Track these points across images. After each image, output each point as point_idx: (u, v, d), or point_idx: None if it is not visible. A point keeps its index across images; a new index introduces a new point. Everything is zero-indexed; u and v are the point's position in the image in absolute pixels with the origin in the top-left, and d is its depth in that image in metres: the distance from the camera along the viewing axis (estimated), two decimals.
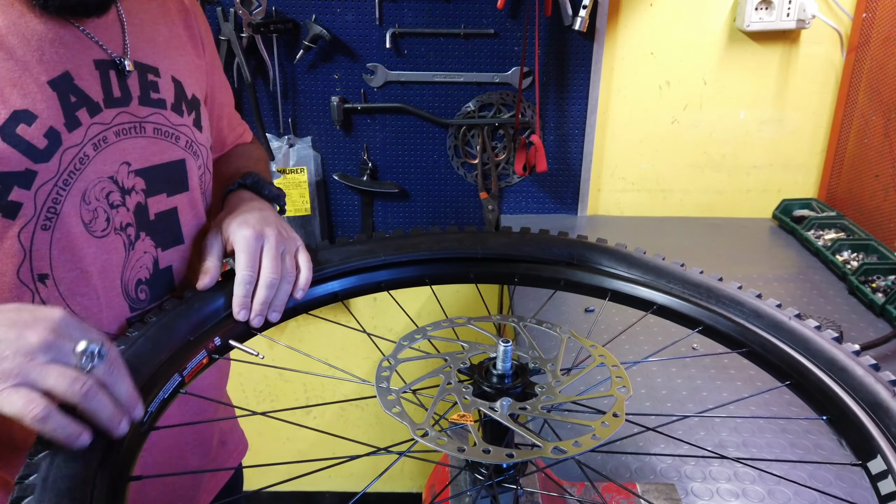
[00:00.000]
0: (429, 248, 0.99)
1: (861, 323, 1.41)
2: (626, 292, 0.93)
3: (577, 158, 1.97)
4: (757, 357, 0.83)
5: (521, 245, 1.00)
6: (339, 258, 0.96)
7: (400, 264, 0.99)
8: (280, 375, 2.34)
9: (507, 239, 1.01)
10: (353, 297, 0.97)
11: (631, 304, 0.94)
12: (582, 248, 0.98)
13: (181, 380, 0.75)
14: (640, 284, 0.93)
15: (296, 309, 0.90)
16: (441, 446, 0.62)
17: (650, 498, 0.92)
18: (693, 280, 0.91)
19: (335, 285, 0.95)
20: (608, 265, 0.96)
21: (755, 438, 1.08)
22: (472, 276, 1.00)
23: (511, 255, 1.00)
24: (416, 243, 0.99)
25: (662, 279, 0.92)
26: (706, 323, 0.86)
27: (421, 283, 0.99)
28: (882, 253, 1.60)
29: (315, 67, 1.87)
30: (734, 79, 1.89)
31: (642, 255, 0.96)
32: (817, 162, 1.99)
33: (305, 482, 2.50)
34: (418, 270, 0.99)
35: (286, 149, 1.93)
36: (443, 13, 1.81)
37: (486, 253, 1.00)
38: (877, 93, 1.76)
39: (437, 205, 2.03)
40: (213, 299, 0.83)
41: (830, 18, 1.83)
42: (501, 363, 0.69)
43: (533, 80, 1.86)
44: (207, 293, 0.83)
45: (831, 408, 0.73)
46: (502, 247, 1.00)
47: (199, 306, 0.82)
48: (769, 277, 1.60)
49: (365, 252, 0.98)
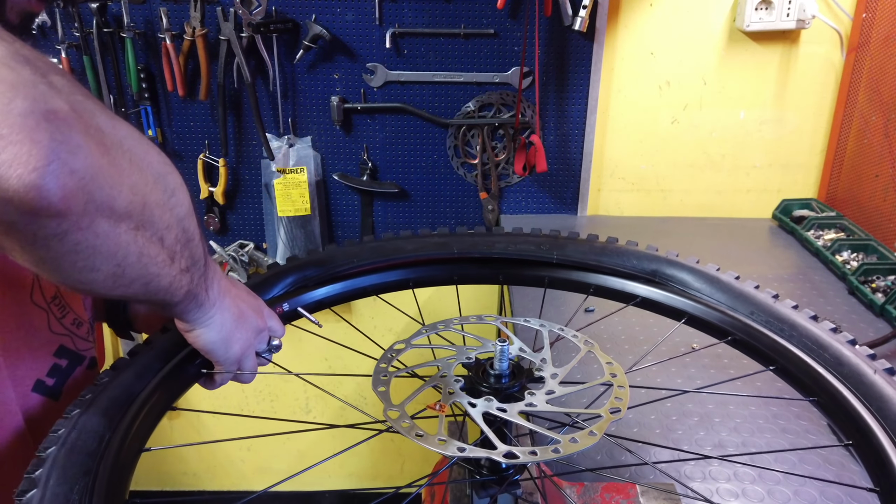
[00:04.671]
0: (504, 247, 0.98)
1: (861, 323, 1.41)
2: (702, 317, 0.88)
3: (577, 158, 1.97)
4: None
5: (601, 255, 0.95)
6: (412, 247, 0.98)
7: (473, 260, 0.99)
8: (280, 376, 2.34)
9: (587, 247, 0.97)
10: (423, 286, 0.99)
11: (705, 331, 0.89)
12: (666, 264, 0.92)
13: None
14: (718, 311, 0.87)
15: (366, 290, 0.97)
16: (415, 437, 0.62)
17: (650, 498, 0.92)
18: (781, 314, 0.83)
19: (407, 273, 0.98)
20: (694, 289, 0.89)
21: (755, 438, 1.08)
22: (546, 280, 0.97)
23: (587, 263, 0.96)
24: (491, 242, 0.99)
25: (745, 307, 0.85)
26: (780, 363, 0.81)
27: (494, 280, 0.99)
28: (882, 253, 1.60)
29: (315, 67, 1.87)
30: (734, 79, 1.89)
31: (732, 280, 0.88)
32: (817, 162, 1.99)
33: (306, 482, 2.50)
34: (493, 269, 0.99)
35: (286, 149, 1.93)
36: (443, 13, 1.81)
37: (561, 259, 0.96)
38: (877, 93, 1.76)
39: (436, 205, 2.03)
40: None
41: (830, 18, 1.83)
42: (498, 363, 0.69)
43: (533, 80, 1.86)
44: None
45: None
46: (580, 254, 0.96)
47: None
48: (769, 277, 1.60)
49: (439, 245, 0.98)
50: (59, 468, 0.56)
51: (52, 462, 0.57)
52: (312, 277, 0.94)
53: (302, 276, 0.94)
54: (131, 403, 0.67)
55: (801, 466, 1.02)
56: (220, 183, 1.96)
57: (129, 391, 0.69)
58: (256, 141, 1.93)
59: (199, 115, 1.92)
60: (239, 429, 2.44)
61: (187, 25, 1.78)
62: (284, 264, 0.97)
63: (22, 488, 0.54)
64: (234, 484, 2.47)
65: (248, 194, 2.01)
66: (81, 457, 0.58)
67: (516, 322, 0.87)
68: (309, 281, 0.94)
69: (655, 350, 1.30)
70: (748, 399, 1.17)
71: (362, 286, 0.98)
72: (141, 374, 0.71)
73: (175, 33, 1.79)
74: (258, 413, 2.38)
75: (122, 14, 1.77)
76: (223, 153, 1.94)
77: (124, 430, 0.64)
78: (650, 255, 0.94)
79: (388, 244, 0.99)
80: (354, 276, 0.97)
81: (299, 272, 0.94)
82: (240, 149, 1.96)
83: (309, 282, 0.94)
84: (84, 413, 0.63)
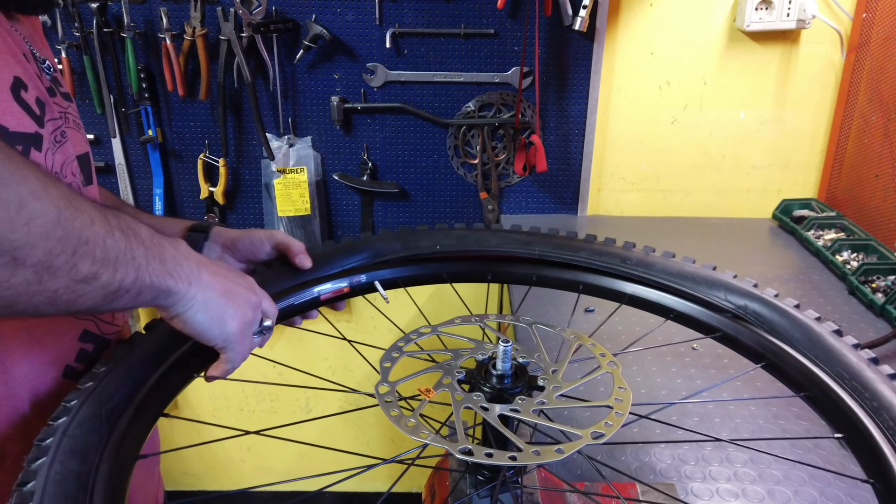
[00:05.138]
0: (587, 257, 0.96)
1: (861, 323, 1.41)
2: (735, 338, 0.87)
3: (577, 158, 1.97)
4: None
5: (680, 278, 0.90)
6: (496, 241, 0.98)
7: (553, 264, 0.97)
8: (280, 376, 2.34)
9: (674, 269, 0.92)
10: (500, 282, 1.00)
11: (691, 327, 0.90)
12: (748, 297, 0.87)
13: (317, 296, 0.92)
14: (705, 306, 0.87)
15: (467, 275, 0.99)
16: (422, 438, 0.63)
17: (650, 498, 0.92)
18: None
19: (488, 266, 0.99)
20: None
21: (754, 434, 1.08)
22: (626, 298, 0.94)
23: (666, 284, 0.91)
24: (576, 248, 0.97)
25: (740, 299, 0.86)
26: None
27: (573, 288, 0.97)
28: (882, 253, 1.60)
29: (315, 67, 1.87)
30: (734, 79, 1.89)
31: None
32: (817, 162, 1.99)
33: (305, 482, 2.50)
34: (573, 277, 0.97)
35: (286, 149, 1.93)
36: (443, 13, 1.81)
37: (643, 276, 0.92)
38: (877, 93, 1.76)
39: (437, 205, 2.03)
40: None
41: (830, 18, 1.83)
42: (501, 363, 0.69)
43: (533, 80, 1.86)
44: None
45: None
46: (664, 275, 0.91)
47: None
48: (769, 278, 1.60)
49: (522, 243, 0.98)
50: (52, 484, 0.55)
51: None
52: (389, 255, 0.98)
53: (377, 252, 0.98)
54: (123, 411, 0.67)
55: (800, 466, 1.02)
56: (220, 183, 1.96)
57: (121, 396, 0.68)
58: (256, 141, 1.93)
59: (200, 114, 1.92)
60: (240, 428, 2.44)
61: (187, 25, 1.78)
62: (362, 238, 1.00)
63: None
64: (234, 484, 2.47)
65: (249, 194, 2.01)
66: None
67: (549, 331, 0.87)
68: (386, 258, 0.98)
69: (655, 350, 1.30)
70: (749, 399, 1.17)
71: (438, 272, 0.99)
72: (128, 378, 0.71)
73: (175, 33, 1.79)
74: (258, 413, 2.38)
75: (123, 14, 1.77)
76: (223, 153, 1.94)
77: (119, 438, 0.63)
78: (742, 289, 0.88)
79: (472, 235, 1.00)
80: (432, 262, 0.99)
81: (373, 248, 0.98)
82: (240, 149, 1.96)
83: (386, 259, 0.98)
84: (73, 420, 0.62)
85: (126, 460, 0.61)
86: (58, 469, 0.55)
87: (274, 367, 2.32)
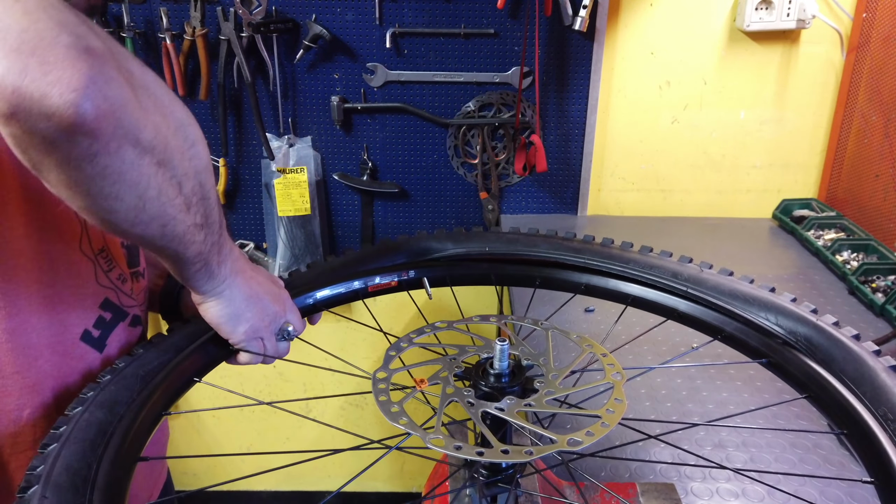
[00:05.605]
0: (638, 272, 0.93)
1: (861, 323, 1.41)
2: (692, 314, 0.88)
3: (577, 158, 1.97)
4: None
5: (732, 299, 0.86)
6: (547, 246, 0.98)
7: (602, 274, 0.96)
8: (280, 375, 2.34)
9: (725, 290, 0.87)
10: (548, 288, 1.00)
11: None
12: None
13: (365, 288, 0.97)
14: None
15: (515, 278, 1.00)
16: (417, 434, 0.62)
17: (650, 498, 0.92)
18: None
19: (535, 272, 1.00)
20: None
21: (755, 438, 1.08)
22: (677, 315, 0.90)
23: (715, 304, 0.87)
24: (627, 259, 0.94)
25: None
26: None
27: (622, 301, 0.95)
28: (882, 253, 1.60)
29: (315, 67, 1.87)
30: (734, 79, 1.89)
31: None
32: (817, 162, 1.99)
33: (305, 482, 2.50)
34: (622, 292, 0.95)
35: (286, 148, 1.93)
36: (443, 13, 1.81)
37: (692, 294, 0.88)
38: (877, 93, 1.76)
39: (437, 205, 2.03)
40: None
41: (830, 18, 1.83)
42: (498, 362, 0.69)
43: (533, 79, 1.86)
44: None
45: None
46: (715, 293, 0.87)
47: None
48: (769, 277, 1.60)
49: (574, 250, 0.97)
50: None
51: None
52: (438, 254, 1.01)
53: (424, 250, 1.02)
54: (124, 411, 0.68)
55: (800, 466, 1.02)
56: (220, 183, 1.96)
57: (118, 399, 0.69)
58: (256, 141, 1.93)
59: (200, 114, 1.92)
60: (239, 429, 2.44)
61: (187, 25, 1.79)
62: (433, 234, 1.03)
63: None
64: (234, 483, 2.47)
65: (249, 194, 2.01)
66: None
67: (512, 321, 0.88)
68: (434, 256, 1.01)
69: (655, 350, 1.30)
70: (749, 399, 1.17)
71: (486, 273, 1.01)
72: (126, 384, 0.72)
73: (175, 33, 1.79)
74: (258, 412, 2.38)
75: (123, 14, 1.77)
76: (223, 153, 1.94)
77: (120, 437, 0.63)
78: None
79: (523, 239, 1.00)
80: (481, 262, 1.01)
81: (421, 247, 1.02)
82: (240, 148, 1.96)
83: (434, 257, 1.01)
84: (86, 411, 0.64)
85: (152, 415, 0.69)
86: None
87: (274, 367, 2.33)
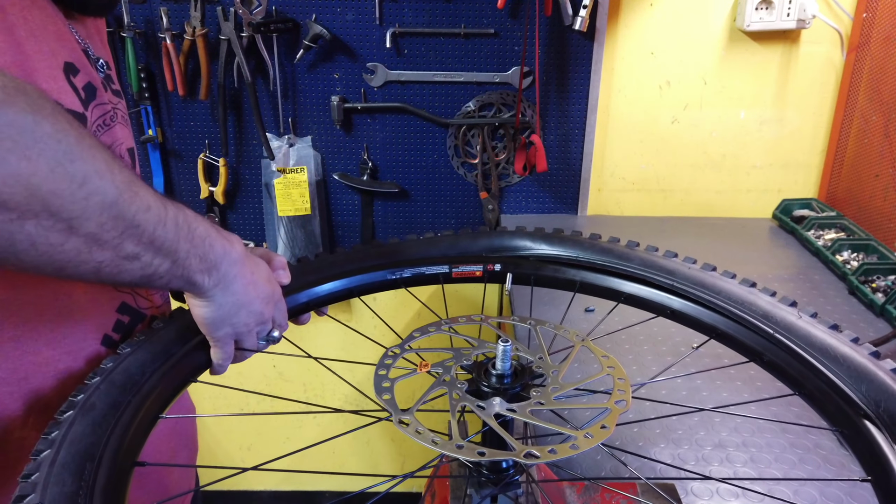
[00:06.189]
0: (724, 299, 0.88)
1: (861, 323, 1.41)
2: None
3: (577, 158, 1.97)
4: (723, 337, 0.85)
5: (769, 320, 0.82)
6: (577, 249, 0.99)
7: (646, 283, 0.94)
8: (280, 375, 2.34)
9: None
10: (631, 305, 0.96)
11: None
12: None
13: (448, 270, 0.99)
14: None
15: (599, 290, 0.97)
16: (419, 438, 0.62)
17: (650, 498, 0.92)
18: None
19: (576, 274, 0.99)
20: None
21: (755, 438, 1.08)
22: (713, 332, 0.87)
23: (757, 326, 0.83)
24: (718, 288, 0.89)
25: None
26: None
27: (662, 314, 0.93)
28: (882, 253, 1.60)
29: (315, 67, 1.87)
30: (734, 79, 1.89)
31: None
32: (817, 162, 1.99)
33: (305, 482, 2.50)
34: (659, 305, 0.93)
35: (286, 148, 1.93)
36: (443, 13, 1.81)
37: (736, 317, 0.84)
38: (877, 93, 1.76)
39: (437, 204, 2.03)
40: None
41: (830, 18, 1.83)
42: (500, 363, 0.69)
43: (533, 79, 1.86)
44: None
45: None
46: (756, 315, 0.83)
47: None
48: (769, 277, 1.60)
49: (662, 270, 0.93)
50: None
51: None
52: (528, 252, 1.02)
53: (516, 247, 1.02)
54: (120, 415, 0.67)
55: (800, 466, 1.02)
56: (220, 182, 1.96)
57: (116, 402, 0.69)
58: (256, 140, 1.93)
59: (200, 114, 1.92)
60: (239, 428, 2.44)
61: (187, 25, 1.79)
62: (516, 229, 1.05)
63: (18, 494, 0.53)
64: (234, 483, 2.47)
65: (249, 194, 2.01)
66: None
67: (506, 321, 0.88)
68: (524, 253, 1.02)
69: (654, 350, 1.31)
70: (749, 399, 1.17)
71: (572, 279, 1.00)
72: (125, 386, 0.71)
73: (175, 33, 1.79)
74: (259, 412, 2.38)
75: (123, 14, 1.77)
76: (223, 153, 1.94)
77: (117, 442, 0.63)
78: None
79: (617, 250, 0.97)
80: (570, 268, 1.00)
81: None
82: (240, 148, 1.96)
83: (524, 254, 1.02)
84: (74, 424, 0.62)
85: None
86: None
87: (274, 367, 2.33)
